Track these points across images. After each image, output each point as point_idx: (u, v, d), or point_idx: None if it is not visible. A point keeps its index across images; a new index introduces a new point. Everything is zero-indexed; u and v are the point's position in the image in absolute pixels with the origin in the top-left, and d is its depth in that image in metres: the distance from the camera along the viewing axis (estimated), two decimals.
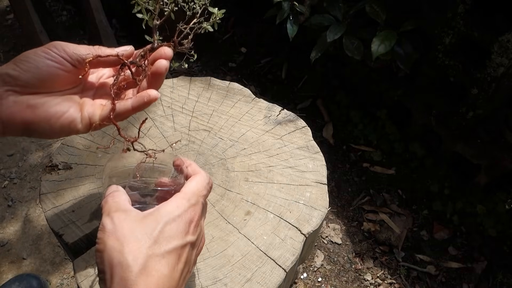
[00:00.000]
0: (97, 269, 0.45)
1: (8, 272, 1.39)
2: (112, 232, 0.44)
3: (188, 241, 0.47)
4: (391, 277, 1.45)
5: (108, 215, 0.47)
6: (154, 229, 0.45)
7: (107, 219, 0.46)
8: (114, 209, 0.47)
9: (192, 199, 0.50)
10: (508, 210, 1.51)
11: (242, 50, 2.23)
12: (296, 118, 0.94)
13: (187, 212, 0.48)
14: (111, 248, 0.43)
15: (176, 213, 0.47)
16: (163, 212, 0.47)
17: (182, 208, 0.48)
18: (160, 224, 0.45)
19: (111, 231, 0.45)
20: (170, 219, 0.46)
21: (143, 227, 0.45)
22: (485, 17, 1.27)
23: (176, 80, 1.00)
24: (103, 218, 0.47)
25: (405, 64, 1.45)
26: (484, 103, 1.36)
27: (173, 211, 0.47)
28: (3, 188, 1.61)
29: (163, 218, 0.46)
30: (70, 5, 2.38)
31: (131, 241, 0.43)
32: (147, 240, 0.44)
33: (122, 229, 0.45)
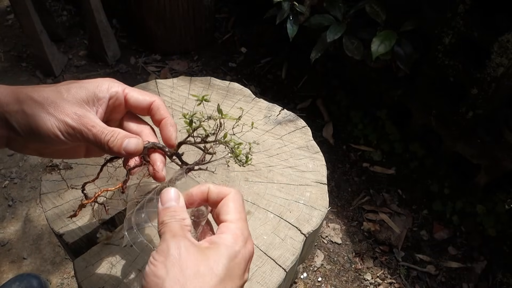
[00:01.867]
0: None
1: (9, 271, 1.39)
2: (176, 261, 0.42)
3: (245, 280, 0.46)
4: (391, 277, 1.45)
5: (174, 238, 0.44)
6: (218, 265, 0.43)
7: (173, 244, 0.43)
8: (181, 234, 0.45)
9: (245, 231, 0.47)
10: (507, 210, 1.51)
11: (242, 50, 2.23)
12: (296, 118, 0.94)
13: (245, 248, 0.46)
14: (174, 278, 0.41)
15: (236, 248, 0.45)
16: (223, 246, 0.45)
17: (239, 244, 0.46)
18: (223, 260, 0.43)
19: (176, 259, 0.42)
20: (233, 256, 0.44)
21: (207, 261, 0.43)
22: (485, 17, 1.27)
23: (176, 80, 1.00)
24: (168, 239, 0.44)
25: (405, 64, 1.46)
26: (484, 103, 1.36)
27: (232, 245, 0.45)
28: (3, 188, 1.61)
29: (224, 253, 0.44)
30: (71, 5, 2.38)
31: (196, 277, 0.41)
32: (212, 277, 0.42)
33: (187, 261, 0.42)
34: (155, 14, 2.00)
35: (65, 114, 0.50)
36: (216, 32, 2.32)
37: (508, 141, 1.40)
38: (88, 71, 2.08)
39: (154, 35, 2.10)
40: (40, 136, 0.50)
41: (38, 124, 0.49)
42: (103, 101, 0.54)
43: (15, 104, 0.49)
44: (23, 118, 0.49)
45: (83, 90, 0.52)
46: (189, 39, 2.16)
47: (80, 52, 2.17)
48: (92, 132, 0.50)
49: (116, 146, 0.51)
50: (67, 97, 0.51)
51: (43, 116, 0.49)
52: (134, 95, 0.56)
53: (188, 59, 2.19)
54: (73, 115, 0.50)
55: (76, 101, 0.51)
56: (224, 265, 0.43)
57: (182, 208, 0.49)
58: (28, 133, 0.50)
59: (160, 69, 2.12)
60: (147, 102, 0.56)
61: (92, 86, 0.53)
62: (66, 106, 0.50)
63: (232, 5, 2.43)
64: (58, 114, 0.49)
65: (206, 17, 2.13)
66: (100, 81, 0.55)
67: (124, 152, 0.52)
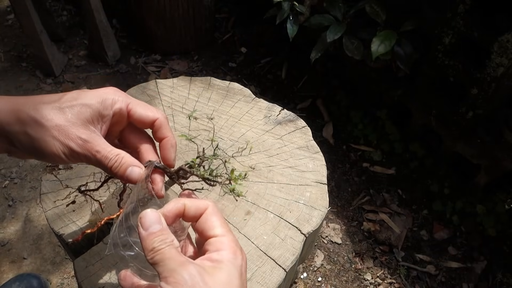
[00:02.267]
0: None
1: (9, 271, 1.39)
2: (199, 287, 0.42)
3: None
4: (391, 277, 1.45)
5: (183, 267, 0.43)
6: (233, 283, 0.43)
7: (185, 273, 0.42)
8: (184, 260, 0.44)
9: (237, 243, 0.48)
10: (507, 210, 1.51)
11: (242, 50, 2.23)
12: (296, 118, 0.94)
13: (244, 259, 0.47)
14: None
15: (239, 262, 0.46)
16: (229, 263, 0.45)
17: (240, 258, 0.46)
18: (236, 280, 0.44)
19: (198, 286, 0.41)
20: (239, 270, 0.45)
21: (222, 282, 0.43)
22: (485, 17, 1.27)
23: (176, 80, 1.00)
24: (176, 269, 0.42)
25: (405, 64, 1.46)
26: (484, 103, 1.36)
27: (235, 261, 0.45)
28: (3, 188, 1.61)
29: (233, 272, 0.44)
30: (71, 5, 2.38)
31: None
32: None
33: (206, 286, 0.42)
34: (155, 14, 2.00)
35: (69, 139, 0.49)
36: (216, 32, 2.32)
37: (508, 141, 1.40)
38: (88, 71, 2.08)
39: (154, 35, 2.10)
40: (44, 157, 0.50)
41: (41, 147, 0.49)
42: (107, 119, 0.53)
43: (16, 125, 0.48)
44: (26, 140, 0.49)
45: (87, 109, 0.51)
46: (189, 39, 2.16)
47: (80, 52, 2.17)
48: (96, 158, 0.51)
49: (120, 172, 0.52)
50: (71, 118, 0.50)
51: (47, 140, 0.48)
52: (137, 110, 0.55)
53: (188, 59, 2.19)
54: (77, 140, 0.49)
55: (80, 122, 0.50)
56: (237, 283, 0.44)
57: (167, 229, 0.46)
58: (30, 153, 0.50)
59: (160, 69, 2.12)
60: (150, 119, 0.56)
61: (96, 103, 0.52)
62: (71, 129, 0.49)
63: (232, 5, 2.43)
64: (62, 138, 0.49)
65: (206, 17, 2.13)
66: (104, 96, 0.53)
67: (126, 179, 0.52)
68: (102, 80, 2.04)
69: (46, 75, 2.02)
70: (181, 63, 2.17)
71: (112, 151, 0.52)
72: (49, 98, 0.51)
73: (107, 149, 0.51)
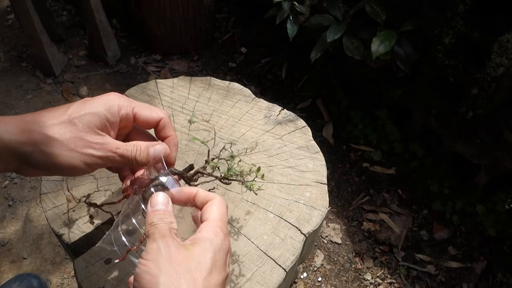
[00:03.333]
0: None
1: (9, 271, 1.39)
2: (168, 258, 0.44)
3: (228, 272, 0.48)
4: (391, 277, 1.45)
5: (164, 239, 0.46)
6: (205, 258, 0.45)
7: (163, 243, 0.45)
8: (169, 235, 0.47)
9: (224, 228, 0.50)
10: (507, 210, 1.51)
11: (242, 50, 2.23)
12: (296, 118, 0.94)
13: (225, 242, 0.49)
14: (168, 274, 0.43)
15: (218, 241, 0.48)
16: (206, 240, 0.47)
17: (220, 238, 0.48)
18: (209, 254, 0.46)
19: (167, 257, 0.44)
20: (217, 249, 0.47)
21: (194, 256, 0.45)
22: (485, 17, 1.27)
23: (176, 80, 1.00)
24: (157, 239, 0.46)
25: (405, 64, 1.46)
26: (484, 103, 1.36)
27: (213, 238, 0.48)
28: (3, 188, 1.61)
29: (209, 247, 0.46)
30: (71, 5, 2.38)
31: (188, 272, 0.43)
32: (202, 271, 0.44)
33: (177, 258, 0.44)
34: (155, 14, 2.00)
35: (87, 147, 0.51)
36: (216, 32, 2.32)
37: (508, 141, 1.40)
38: (88, 71, 2.08)
39: (154, 35, 2.10)
40: (62, 171, 0.51)
41: (59, 162, 0.49)
42: (115, 125, 0.55)
43: (30, 145, 0.49)
44: (43, 158, 0.49)
45: (95, 117, 0.52)
46: (189, 39, 2.16)
47: (80, 52, 2.17)
48: (118, 154, 0.53)
49: (144, 157, 0.55)
50: (82, 128, 0.51)
51: (64, 154, 0.49)
52: (143, 113, 0.58)
53: (188, 59, 2.19)
54: (95, 145, 0.51)
55: (92, 130, 0.52)
56: (210, 258, 0.46)
57: (170, 212, 0.50)
58: (48, 169, 0.51)
59: (160, 69, 2.12)
60: (154, 120, 0.58)
61: (103, 110, 0.53)
62: (85, 137, 0.51)
63: (232, 5, 2.43)
64: (80, 148, 0.50)
65: (206, 17, 2.13)
66: (110, 103, 0.55)
67: (153, 160, 0.55)
68: (102, 80, 2.04)
69: (46, 75, 2.02)
70: (181, 63, 2.17)
71: (128, 144, 0.55)
72: (56, 113, 0.52)
73: (123, 145, 0.54)
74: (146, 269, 0.43)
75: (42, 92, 1.96)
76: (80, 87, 1.98)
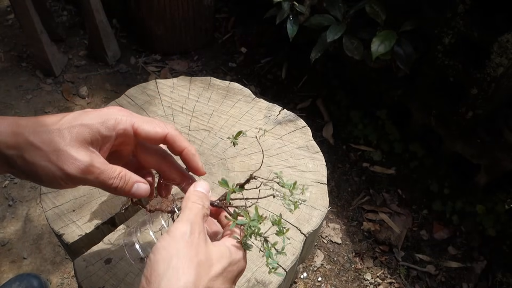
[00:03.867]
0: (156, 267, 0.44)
1: (9, 271, 1.39)
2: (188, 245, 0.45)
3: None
4: (390, 277, 1.45)
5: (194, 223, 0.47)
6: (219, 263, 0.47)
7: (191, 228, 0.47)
8: (200, 220, 0.48)
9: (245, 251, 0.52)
10: (507, 210, 1.51)
11: (242, 50, 2.23)
12: (296, 118, 0.94)
13: (243, 261, 0.51)
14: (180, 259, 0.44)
15: (237, 257, 0.50)
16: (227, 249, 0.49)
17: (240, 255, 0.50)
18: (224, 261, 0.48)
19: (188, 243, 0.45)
20: (233, 261, 0.49)
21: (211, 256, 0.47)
22: (485, 17, 1.27)
23: (176, 80, 1.00)
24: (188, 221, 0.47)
25: (405, 64, 1.46)
26: (483, 103, 1.36)
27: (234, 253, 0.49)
28: (3, 187, 1.61)
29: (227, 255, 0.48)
30: (71, 5, 2.38)
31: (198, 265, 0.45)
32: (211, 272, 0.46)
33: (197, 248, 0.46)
34: (155, 14, 2.00)
35: (68, 164, 0.48)
36: (216, 32, 2.32)
37: (508, 141, 1.40)
38: (88, 71, 2.08)
39: (154, 35, 2.10)
40: (41, 182, 0.49)
41: (38, 172, 0.48)
42: (108, 140, 0.51)
43: (14, 149, 0.47)
44: (23, 164, 0.48)
45: (86, 129, 0.49)
46: (189, 39, 2.16)
47: (80, 52, 2.17)
48: (98, 180, 0.50)
49: (125, 190, 0.52)
50: (70, 141, 0.48)
51: (43, 165, 0.47)
52: (144, 128, 0.53)
53: (188, 59, 2.19)
54: (76, 162, 0.48)
55: (79, 144, 0.49)
56: (223, 265, 0.47)
57: (208, 199, 0.53)
58: (28, 177, 0.49)
59: (160, 69, 2.12)
60: (159, 135, 0.54)
61: (97, 123, 0.50)
62: (69, 152, 0.48)
63: (232, 5, 2.43)
64: (60, 163, 0.47)
65: (206, 17, 2.13)
66: (106, 117, 0.51)
67: (133, 195, 0.54)
68: (102, 80, 2.04)
69: (46, 75, 2.02)
70: (181, 63, 2.17)
71: (113, 170, 0.51)
72: (50, 120, 0.50)
73: (107, 169, 0.50)
74: (166, 245, 0.45)
75: (42, 92, 1.96)
76: (80, 87, 1.98)
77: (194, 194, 0.52)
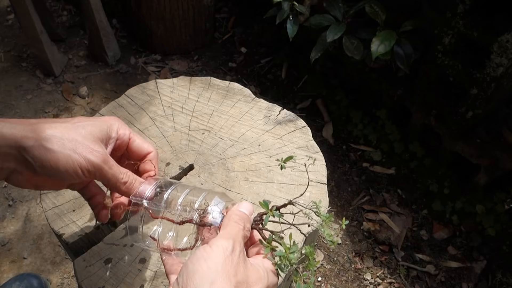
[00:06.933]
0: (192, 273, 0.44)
1: (9, 271, 1.39)
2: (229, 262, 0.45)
3: None
4: (390, 277, 1.45)
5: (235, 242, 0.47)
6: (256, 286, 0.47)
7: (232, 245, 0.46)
8: (241, 240, 0.48)
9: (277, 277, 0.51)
10: (507, 210, 1.51)
11: (242, 50, 2.23)
12: (296, 118, 0.94)
13: (275, 278, 0.50)
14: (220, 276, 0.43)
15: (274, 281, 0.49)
16: (265, 273, 0.48)
17: (276, 279, 0.50)
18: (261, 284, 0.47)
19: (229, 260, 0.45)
20: (270, 285, 0.48)
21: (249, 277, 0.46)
22: (485, 17, 1.27)
23: (176, 80, 1.00)
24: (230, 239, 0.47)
25: (405, 64, 1.46)
26: (483, 103, 1.36)
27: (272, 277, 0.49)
28: (3, 187, 1.61)
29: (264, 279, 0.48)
30: (71, 5, 2.38)
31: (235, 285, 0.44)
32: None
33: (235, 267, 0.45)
34: (155, 14, 2.00)
35: (87, 151, 0.51)
36: (216, 32, 2.32)
37: (508, 141, 1.40)
38: (88, 71, 2.08)
39: (154, 35, 2.10)
40: (58, 172, 0.50)
41: (58, 160, 0.49)
42: (112, 140, 0.57)
43: (32, 139, 0.49)
44: (42, 154, 0.49)
45: (97, 128, 0.54)
46: (189, 39, 2.16)
47: (80, 52, 2.17)
48: (112, 171, 0.53)
49: (132, 188, 0.55)
50: (85, 134, 0.52)
51: (65, 152, 0.49)
52: (137, 140, 0.60)
53: (188, 59, 2.19)
54: (95, 152, 0.52)
55: (93, 138, 0.53)
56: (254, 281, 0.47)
57: (250, 222, 0.53)
58: (43, 168, 0.50)
59: (160, 69, 2.12)
60: (146, 151, 0.61)
61: (104, 124, 0.55)
62: (87, 142, 0.51)
63: (232, 5, 2.43)
64: (80, 150, 0.50)
65: (206, 17, 2.13)
66: (110, 121, 0.57)
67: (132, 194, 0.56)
68: (102, 80, 2.04)
69: (46, 75, 2.02)
70: (181, 63, 2.17)
71: (122, 169, 0.55)
72: (60, 120, 0.53)
73: (118, 166, 0.55)
74: (206, 256, 0.44)
75: (42, 92, 1.96)
76: (80, 87, 1.98)
77: (236, 214, 0.51)
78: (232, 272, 0.44)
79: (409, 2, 1.48)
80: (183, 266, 0.45)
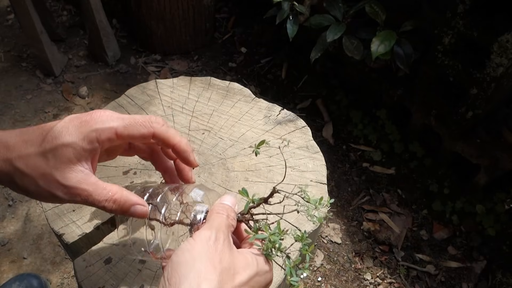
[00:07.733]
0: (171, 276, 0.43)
1: (9, 271, 1.39)
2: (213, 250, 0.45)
3: None
4: (390, 277, 1.45)
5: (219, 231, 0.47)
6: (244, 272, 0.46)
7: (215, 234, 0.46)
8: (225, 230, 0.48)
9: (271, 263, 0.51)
10: (507, 210, 1.51)
11: (242, 50, 2.23)
12: (296, 118, 0.94)
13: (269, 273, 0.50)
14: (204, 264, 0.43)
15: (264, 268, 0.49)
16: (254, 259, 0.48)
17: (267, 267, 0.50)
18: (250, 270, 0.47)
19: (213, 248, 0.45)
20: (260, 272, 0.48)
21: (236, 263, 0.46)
22: (485, 17, 1.27)
23: (176, 80, 1.00)
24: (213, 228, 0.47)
25: (405, 64, 1.46)
26: (483, 103, 1.36)
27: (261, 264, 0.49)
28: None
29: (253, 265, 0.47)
30: (70, 5, 2.38)
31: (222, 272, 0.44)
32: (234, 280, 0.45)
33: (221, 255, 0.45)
34: (155, 14, 2.00)
35: (55, 187, 0.48)
36: (216, 32, 2.32)
37: (508, 141, 1.40)
38: (88, 71, 2.08)
39: (154, 35, 2.10)
40: (35, 198, 0.51)
41: (33, 195, 0.50)
42: (94, 151, 0.50)
43: (6, 176, 0.49)
44: (18, 189, 0.50)
45: (69, 150, 0.48)
46: (189, 39, 2.16)
47: (80, 52, 2.17)
48: (88, 202, 0.49)
49: (121, 213, 0.52)
50: (54, 164, 0.47)
51: (34, 189, 0.49)
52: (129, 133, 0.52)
53: (188, 59, 2.19)
54: (63, 188, 0.48)
55: (65, 165, 0.48)
56: (248, 274, 0.46)
57: (234, 212, 0.53)
58: (22, 194, 0.51)
59: (160, 69, 2.12)
60: (146, 135, 0.52)
61: (78, 140, 0.48)
62: (54, 176, 0.47)
63: (232, 5, 2.43)
64: (48, 187, 0.48)
65: (206, 17, 2.13)
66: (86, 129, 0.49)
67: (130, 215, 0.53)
68: (102, 80, 2.04)
69: (46, 75, 2.02)
70: (181, 63, 2.17)
71: (106, 191, 0.50)
72: (35, 139, 0.49)
73: (98, 190, 0.49)
74: (190, 248, 0.44)
75: (42, 92, 1.96)
76: (80, 87, 1.98)
77: (218, 206, 0.51)
78: (217, 259, 0.44)
79: (409, 2, 1.48)
80: (169, 261, 0.45)
